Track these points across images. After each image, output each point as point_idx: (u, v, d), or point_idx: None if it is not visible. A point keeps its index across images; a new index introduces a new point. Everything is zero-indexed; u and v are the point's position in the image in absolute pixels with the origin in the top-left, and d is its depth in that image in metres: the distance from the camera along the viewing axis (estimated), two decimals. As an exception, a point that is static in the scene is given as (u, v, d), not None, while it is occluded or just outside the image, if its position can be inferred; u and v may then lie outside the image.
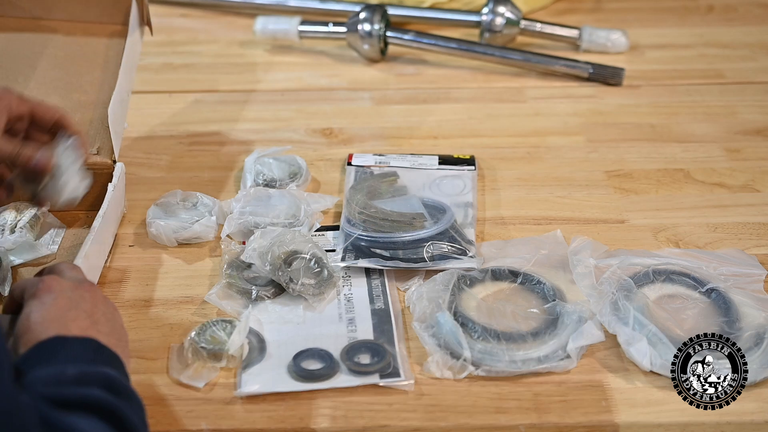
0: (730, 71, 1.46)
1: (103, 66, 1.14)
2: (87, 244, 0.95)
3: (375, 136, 1.29)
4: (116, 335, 0.79)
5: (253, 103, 1.38)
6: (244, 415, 0.85)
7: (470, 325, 0.93)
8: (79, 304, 0.78)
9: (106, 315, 0.80)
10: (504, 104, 1.38)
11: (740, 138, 1.28)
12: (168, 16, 1.66)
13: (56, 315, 0.76)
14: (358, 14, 1.46)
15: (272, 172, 1.15)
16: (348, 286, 1.00)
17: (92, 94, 1.12)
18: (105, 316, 0.80)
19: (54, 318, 0.76)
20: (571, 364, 0.89)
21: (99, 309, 0.80)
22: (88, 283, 0.84)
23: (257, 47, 1.55)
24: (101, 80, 1.12)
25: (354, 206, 1.09)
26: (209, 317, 0.95)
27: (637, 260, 1.00)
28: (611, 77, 1.42)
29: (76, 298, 0.79)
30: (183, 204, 1.10)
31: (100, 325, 0.78)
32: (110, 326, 0.79)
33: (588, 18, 1.63)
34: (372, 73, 1.47)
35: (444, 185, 1.16)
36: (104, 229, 1.02)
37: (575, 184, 1.18)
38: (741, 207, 1.13)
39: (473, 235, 1.07)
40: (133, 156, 1.23)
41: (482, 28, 1.51)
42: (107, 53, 1.15)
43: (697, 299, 0.96)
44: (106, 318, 0.80)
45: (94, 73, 1.14)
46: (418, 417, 0.85)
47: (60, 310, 0.77)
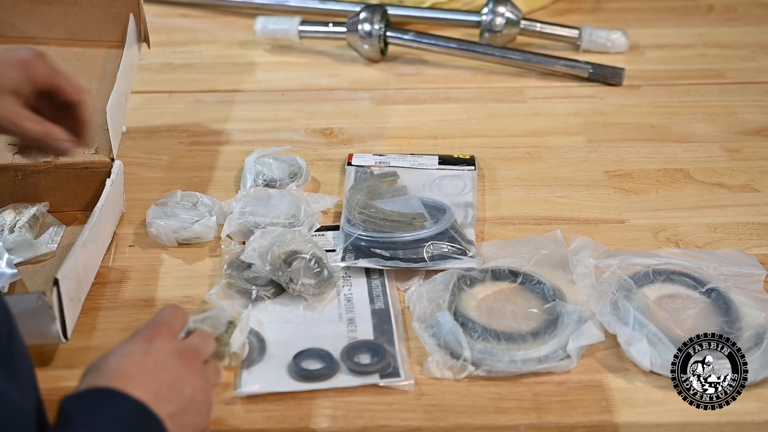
0: (730, 71, 1.46)
1: (101, 77, 1.15)
2: (80, 242, 0.95)
3: (375, 136, 1.29)
4: (185, 421, 0.73)
5: (253, 103, 1.38)
6: (245, 414, 0.85)
7: (470, 325, 0.93)
8: (160, 373, 0.73)
9: (184, 395, 0.73)
10: (504, 104, 1.38)
11: (740, 138, 1.28)
12: (168, 16, 1.67)
13: (132, 370, 0.71)
14: (358, 14, 1.46)
15: (272, 172, 1.15)
16: (348, 286, 1.00)
17: (90, 102, 1.12)
18: (180, 396, 0.73)
19: (128, 373, 0.71)
20: (571, 364, 0.89)
21: (181, 388, 0.73)
22: (189, 354, 0.77)
23: (257, 47, 1.55)
24: (99, 90, 1.13)
25: (354, 206, 1.09)
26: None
27: (637, 260, 1.00)
28: (611, 77, 1.42)
29: (165, 365, 0.73)
30: (183, 204, 1.10)
31: (168, 402, 0.71)
32: (181, 408, 0.73)
33: (588, 18, 1.64)
34: (372, 73, 1.47)
35: (444, 185, 1.16)
36: (100, 227, 1.01)
37: (575, 184, 1.18)
38: (741, 207, 1.13)
39: (473, 235, 1.07)
40: (133, 156, 1.23)
41: (482, 28, 1.51)
42: (105, 65, 1.16)
43: (697, 299, 0.96)
44: (182, 398, 0.73)
45: (92, 83, 1.14)
46: (418, 417, 0.85)
47: (139, 366, 0.72)
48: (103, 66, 1.16)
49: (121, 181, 1.10)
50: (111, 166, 1.08)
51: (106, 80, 1.14)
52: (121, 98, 1.11)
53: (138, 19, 1.16)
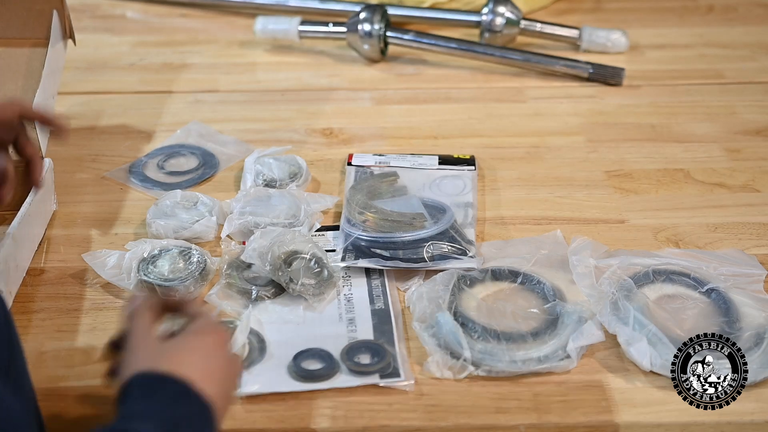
0: (730, 71, 1.46)
1: (26, 75, 1.13)
2: (6, 243, 0.95)
3: (375, 136, 1.29)
4: (223, 388, 0.74)
5: (253, 103, 1.38)
6: (245, 414, 0.85)
7: (470, 325, 0.93)
8: (211, 359, 0.74)
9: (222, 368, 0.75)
10: (504, 104, 1.38)
11: (740, 138, 1.28)
12: (168, 16, 1.67)
13: (190, 359, 0.73)
14: (358, 14, 1.46)
15: (272, 172, 1.15)
16: (348, 286, 1.00)
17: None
18: (221, 369, 0.75)
19: (188, 362, 0.72)
20: (571, 364, 0.89)
21: (218, 361, 0.75)
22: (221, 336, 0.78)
23: (257, 47, 1.55)
24: (25, 88, 1.11)
25: (354, 206, 1.09)
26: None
27: (637, 260, 1.00)
28: (611, 77, 1.42)
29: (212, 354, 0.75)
30: (183, 204, 1.10)
31: (214, 378, 0.73)
32: (220, 376, 0.74)
33: (588, 18, 1.63)
34: (372, 73, 1.47)
35: (444, 185, 1.16)
36: (26, 228, 1.01)
37: (575, 184, 1.18)
38: (741, 207, 1.13)
39: (473, 235, 1.07)
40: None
41: (482, 28, 1.51)
42: (30, 63, 1.14)
43: (697, 299, 0.96)
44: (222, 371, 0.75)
45: (17, 81, 1.13)
46: (418, 417, 0.85)
47: (199, 357, 0.73)
48: (27, 65, 1.14)
49: (51, 180, 1.09)
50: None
51: (31, 78, 1.12)
52: (48, 97, 1.10)
53: (62, 15, 1.14)
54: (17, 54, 1.15)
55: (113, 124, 1.32)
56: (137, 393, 0.69)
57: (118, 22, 1.65)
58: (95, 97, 1.39)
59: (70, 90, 1.39)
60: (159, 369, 0.70)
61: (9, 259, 0.96)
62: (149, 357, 0.72)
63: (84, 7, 1.69)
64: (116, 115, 1.34)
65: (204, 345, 0.75)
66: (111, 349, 0.78)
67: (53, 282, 1.01)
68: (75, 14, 1.20)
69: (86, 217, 1.11)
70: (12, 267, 0.97)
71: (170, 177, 1.19)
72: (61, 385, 0.88)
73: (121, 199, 1.15)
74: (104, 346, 0.79)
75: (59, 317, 0.96)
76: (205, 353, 0.74)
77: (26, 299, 0.99)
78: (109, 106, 1.36)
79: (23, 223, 0.99)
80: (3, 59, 1.15)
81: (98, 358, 0.88)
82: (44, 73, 1.10)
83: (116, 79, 1.45)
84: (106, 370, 0.78)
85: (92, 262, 1.00)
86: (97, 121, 1.32)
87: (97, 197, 1.15)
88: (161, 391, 0.69)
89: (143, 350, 0.73)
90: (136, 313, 0.76)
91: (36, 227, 1.05)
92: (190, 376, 0.70)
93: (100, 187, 1.17)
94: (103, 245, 1.06)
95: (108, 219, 1.11)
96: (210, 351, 0.74)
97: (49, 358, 0.91)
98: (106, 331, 0.94)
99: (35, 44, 1.15)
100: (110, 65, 1.49)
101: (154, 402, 0.68)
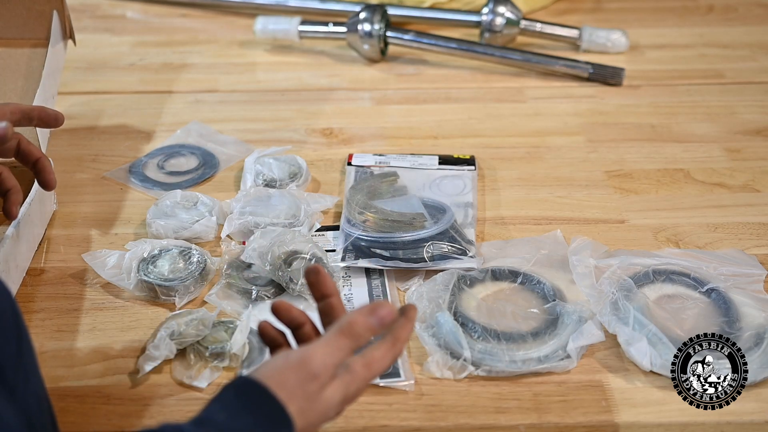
0: (730, 71, 1.46)
1: (26, 75, 1.13)
2: (6, 243, 0.95)
3: (375, 136, 1.29)
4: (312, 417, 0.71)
5: (253, 103, 1.38)
6: (244, 415, 0.85)
7: (470, 325, 0.93)
8: (317, 378, 0.70)
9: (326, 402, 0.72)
10: (504, 104, 1.38)
11: (740, 138, 1.28)
12: (168, 16, 1.67)
13: (290, 378, 0.70)
14: (358, 14, 1.46)
15: (272, 172, 1.15)
16: (348, 286, 1.00)
17: (16, 101, 1.11)
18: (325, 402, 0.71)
19: (287, 380, 0.69)
20: (571, 364, 0.89)
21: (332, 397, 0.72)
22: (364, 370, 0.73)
23: (257, 47, 1.55)
24: (25, 88, 1.12)
25: (354, 206, 1.09)
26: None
27: (637, 260, 1.00)
28: (611, 77, 1.42)
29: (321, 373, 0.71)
30: (183, 204, 1.10)
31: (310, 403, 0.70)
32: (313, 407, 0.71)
33: (588, 18, 1.64)
34: (372, 73, 1.47)
35: (444, 185, 1.16)
36: (26, 228, 1.01)
37: (575, 184, 1.18)
38: (741, 207, 1.13)
39: (473, 235, 1.07)
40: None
41: (482, 28, 1.51)
42: (30, 64, 1.14)
43: (697, 299, 0.96)
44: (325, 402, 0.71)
45: (17, 81, 1.13)
46: (418, 417, 0.85)
47: (299, 373, 0.70)
48: (27, 65, 1.14)
49: None
50: None
51: (31, 78, 1.12)
52: (48, 97, 1.10)
53: (62, 15, 1.14)
54: (17, 54, 1.15)
55: (113, 124, 1.32)
56: (235, 405, 0.67)
57: (118, 22, 1.65)
58: (95, 97, 1.39)
59: (70, 90, 1.39)
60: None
61: (9, 259, 0.96)
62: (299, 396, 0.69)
63: (84, 7, 1.69)
64: (116, 115, 1.34)
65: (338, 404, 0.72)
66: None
67: (53, 282, 1.01)
68: (75, 14, 1.20)
69: (86, 217, 1.11)
70: (12, 267, 0.97)
71: (170, 177, 1.19)
72: (61, 385, 0.88)
73: (121, 199, 1.15)
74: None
75: (59, 317, 0.97)
76: (328, 408, 0.71)
77: (26, 299, 0.99)
78: (109, 106, 1.36)
79: (23, 223, 0.99)
80: (3, 59, 1.15)
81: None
82: (44, 73, 1.10)
83: (116, 79, 1.45)
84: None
85: (92, 262, 1.00)
86: (97, 121, 1.32)
87: (97, 197, 1.15)
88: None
89: (295, 383, 0.69)
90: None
91: (36, 227, 1.05)
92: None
93: (100, 187, 1.17)
94: (103, 245, 1.06)
95: (108, 219, 1.11)
96: (337, 409, 0.72)
97: (48, 358, 0.91)
98: (106, 331, 0.94)
99: (35, 44, 1.15)
100: (110, 65, 1.50)
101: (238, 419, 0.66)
